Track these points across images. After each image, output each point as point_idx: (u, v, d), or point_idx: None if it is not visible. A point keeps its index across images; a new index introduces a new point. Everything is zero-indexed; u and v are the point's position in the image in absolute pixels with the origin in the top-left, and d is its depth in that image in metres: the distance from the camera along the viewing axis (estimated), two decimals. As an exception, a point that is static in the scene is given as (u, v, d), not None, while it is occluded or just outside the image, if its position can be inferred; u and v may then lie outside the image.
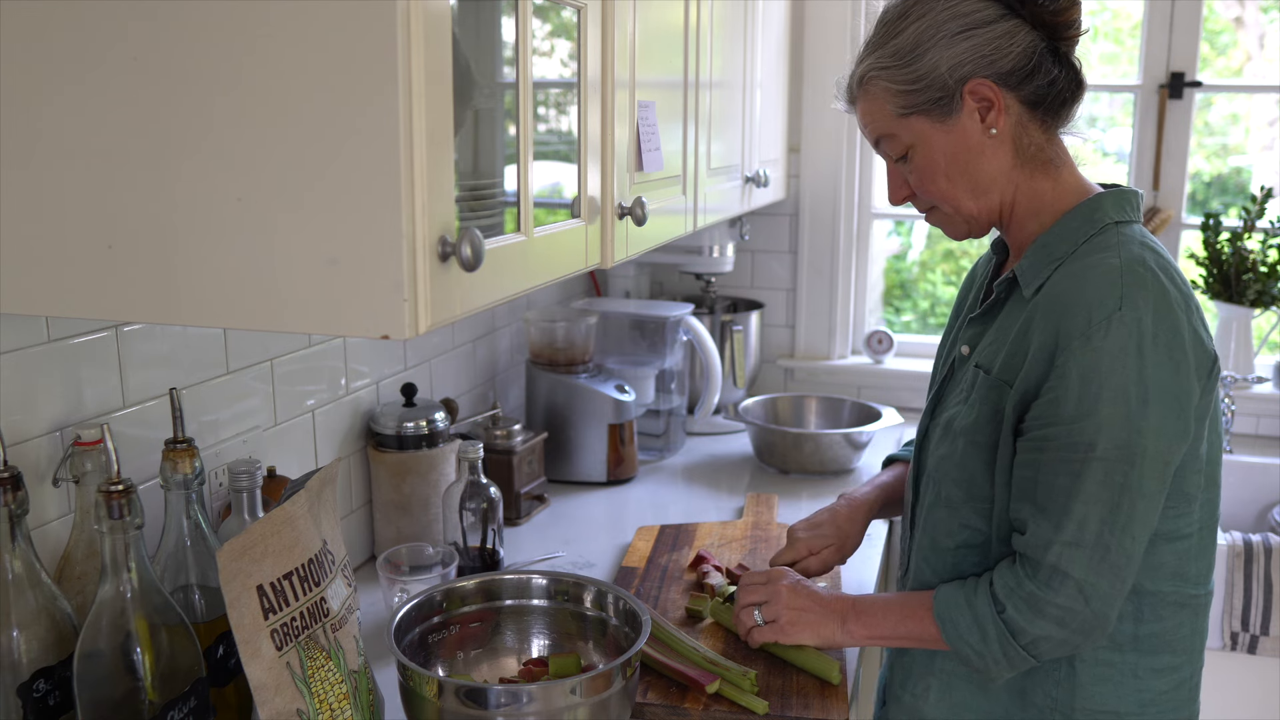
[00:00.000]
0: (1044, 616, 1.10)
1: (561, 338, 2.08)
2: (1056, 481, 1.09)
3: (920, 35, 1.16)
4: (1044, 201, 1.20)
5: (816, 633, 1.29)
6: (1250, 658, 2.06)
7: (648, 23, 1.39)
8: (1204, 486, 1.17)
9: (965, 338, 1.27)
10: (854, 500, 1.52)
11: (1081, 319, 1.07)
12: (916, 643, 1.22)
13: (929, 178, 1.20)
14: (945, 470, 1.22)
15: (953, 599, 1.17)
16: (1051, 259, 1.16)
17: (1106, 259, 1.11)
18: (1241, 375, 2.49)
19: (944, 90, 1.15)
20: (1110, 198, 1.18)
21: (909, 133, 1.19)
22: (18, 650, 0.99)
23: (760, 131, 2.21)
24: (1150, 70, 2.50)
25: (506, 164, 1.06)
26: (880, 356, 2.73)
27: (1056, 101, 1.18)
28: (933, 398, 1.32)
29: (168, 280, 0.87)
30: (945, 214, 1.23)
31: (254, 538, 0.99)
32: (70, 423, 1.14)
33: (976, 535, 1.20)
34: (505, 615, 1.33)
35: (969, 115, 1.16)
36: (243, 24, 0.81)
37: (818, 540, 1.48)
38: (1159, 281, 1.09)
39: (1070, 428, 1.08)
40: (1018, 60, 1.14)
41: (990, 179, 1.19)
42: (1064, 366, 1.08)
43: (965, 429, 1.19)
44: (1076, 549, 1.08)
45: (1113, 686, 1.17)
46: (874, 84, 1.20)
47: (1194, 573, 1.18)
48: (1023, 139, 1.18)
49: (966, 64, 1.14)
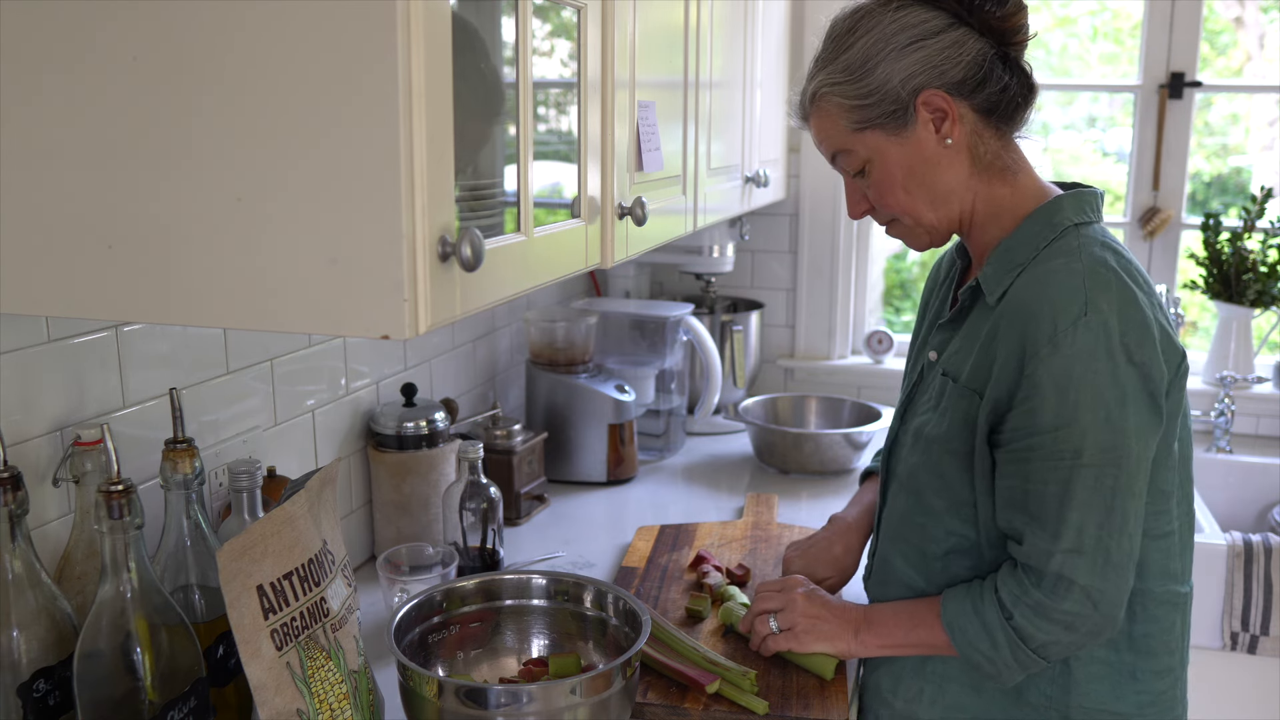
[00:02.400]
0: (1052, 622, 1.11)
1: (561, 338, 2.08)
2: (1047, 490, 1.09)
3: (870, 49, 1.15)
4: (1003, 207, 1.20)
5: (830, 642, 1.29)
6: (1250, 658, 2.06)
7: (648, 23, 1.39)
8: (1179, 483, 1.17)
9: (933, 343, 1.28)
10: (846, 528, 1.51)
11: (1047, 325, 1.07)
12: (928, 650, 1.22)
13: (887, 191, 1.20)
14: (922, 479, 1.22)
15: (960, 607, 1.17)
16: (1013, 265, 1.16)
17: (1069, 263, 1.11)
18: (1241, 375, 2.49)
19: (897, 103, 1.15)
20: (1069, 200, 1.18)
21: (864, 147, 1.19)
22: (18, 650, 0.99)
23: (760, 131, 2.21)
24: (1150, 70, 2.50)
25: (506, 164, 1.06)
26: (880, 356, 2.73)
27: (1010, 107, 1.18)
28: (902, 402, 1.33)
29: (167, 280, 0.87)
30: (906, 226, 1.24)
31: (254, 538, 0.99)
32: (70, 423, 1.14)
33: (964, 541, 1.20)
34: (505, 615, 1.33)
35: (923, 126, 1.16)
36: (243, 24, 0.81)
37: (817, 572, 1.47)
38: (1122, 281, 1.09)
39: (1053, 436, 1.08)
40: (968, 69, 1.14)
41: (949, 189, 1.19)
42: (1035, 375, 1.08)
43: (938, 438, 1.19)
44: (1078, 556, 1.09)
45: (1110, 686, 1.17)
46: (826, 100, 1.20)
47: (1179, 570, 1.19)
48: (978, 147, 1.18)
49: (918, 75, 1.14)
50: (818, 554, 1.49)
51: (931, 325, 1.32)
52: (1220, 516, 2.44)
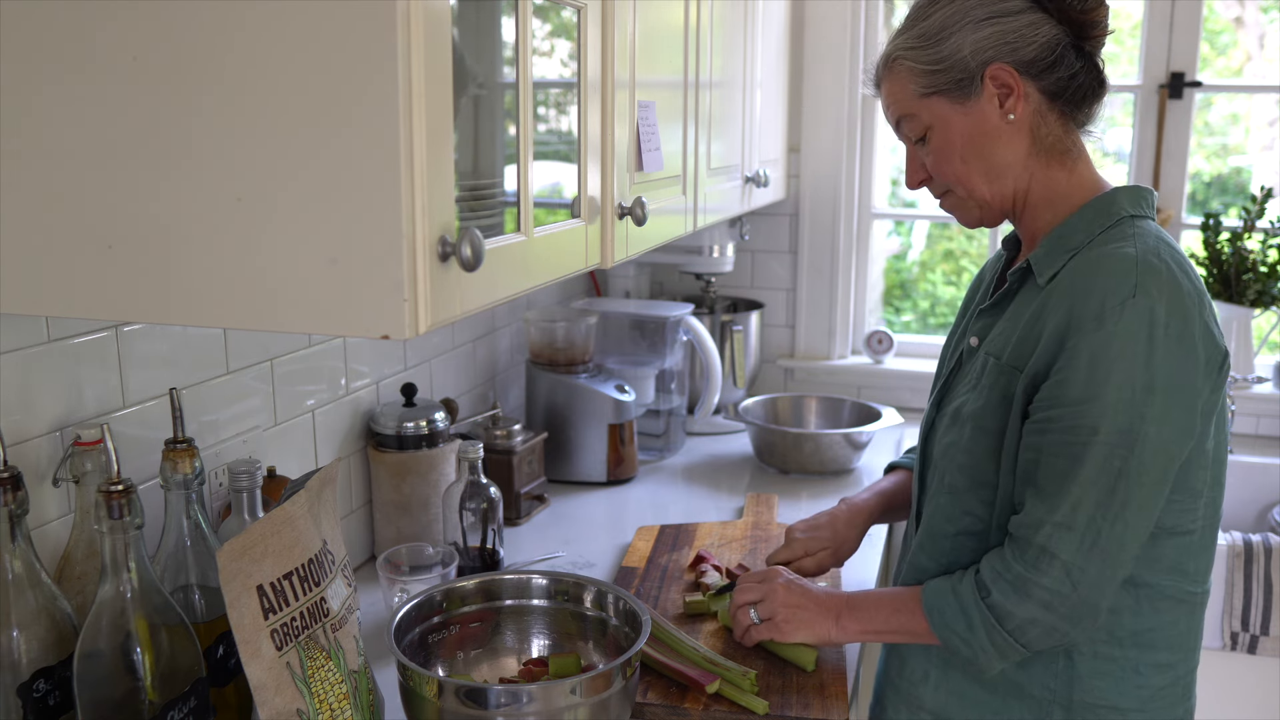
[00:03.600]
0: (1030, 599, 1.10)
1: (561, 338, 2.08)
2: (1056, 463, 1.09)
3: (947, 19, 1.18)
4: (1058, 192, 1.21)
5: (812, 630, 1.29)
6: (1250, 658, 2.06)
7: (648, 23, 1.39)
8: (1210, 484, 1.17)
9: (975, 330, 1.28)
10: (854, 505, 1.53)
11: (1095, 303, 1.08)
12: (909, 637, 1.23)
13: (945, 159, 1.22)
14: (951, 456, 1.22)
15: (940, 589, 1.18)
16: (1067, 248, 1.16)
17: (1123, 248, 1.11)
18: (1241, 375, 2.49)
19: (965, 72, 1.17)
20: (1125, 193, 1.19)
21: (929, 113, 1.21)
22: (18, 650, 0.99)
23: (760, 131, 2.21)
24: (1150, 70, 2.50)
25: (506, 164, 1.06)
26: (880, 356, 2.73)
27: (1077, 95, 1.19)
28: (939, 390, 1.32)
29: (167, 280, 0.87)
30: (959, 198, 1.25)
31: (254, 538, 0.99)
32: (70, 423, 1.14)
33: (976, 523, 1.20)
34: (505, 615, 1.33)
35: (988, 99, 1.18)
36: (243, 24, 0.81)
37: (814, 542, 1.49)
38: (1173, 274, 1.10)
39: (1075, 409, 1.08)
40: (1040, 51, 1.16)
41: (1005, 164, 1.20)
42: (1074, 348, 1.08)
43: (973, 414, 1.19)
44: (1067, 531, 1.09)
45: (1112, 681, 1.17)
46: (899, 64, 1.22)
47: (1194, 569, 1.18)
48: (1040, 128, 1.19)
49: (989, 49, 1.16)
50: (820, 525, 1.50)
51: (972, 315, 1.32)
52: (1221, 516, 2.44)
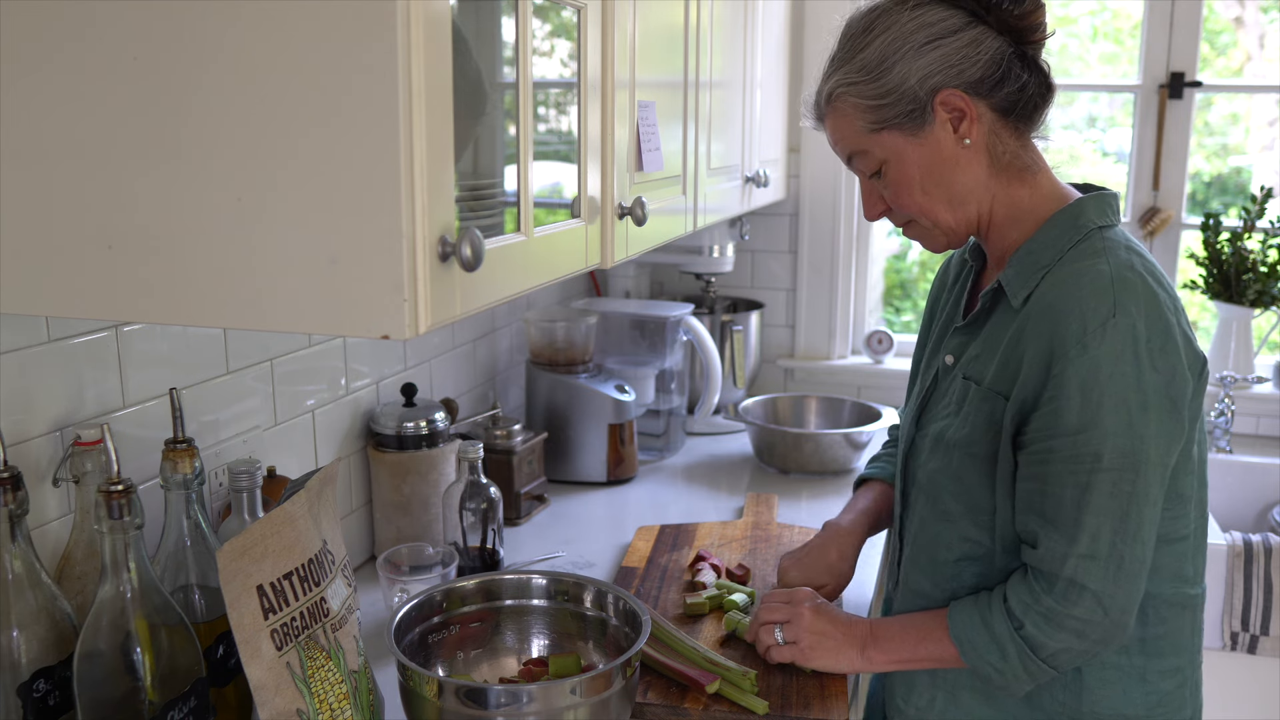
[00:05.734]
0: (1063, 629, 1.10)
1: (561, 338, 2.08)
2: (1064, 493, 1.09)
3: (887, 49, 1.14)
4: (1022, 209, 1.19)
5: (836, 659, 1.27)
6: (1250, 658, 2.06)
7: (648, 23, 1.39)
8: (1196, 487, 1.17)
9: (949, 347, 1.26)
10: (841, 534, 1.49)
11: (1076, 326, 1.07)
12: (936, 663, 1.21)
13: (904, 192, 1.19)
14: (940, 484, 1.21)
15: (968, 619, 1.16)
16: (1038, 267, 1.15)
17: (1096, 265, 1.10)
18: (1241, 375, 2.49)
19: (914, 102, 1.14)
20: (1091, 202, 1.17)
21: (881, 148, 1.18)
22: (18, 650, 0.99)
23: (760, 131, 2.21)
24: (1150, 70, 2.50)
25: (506, 164, 1.06)
26: (880, 356, 2.73)
27: (1028, 107, 1.17)
28: (916, 407, 1.31)
29: (168, 280, 0.87)
30: (923, 227, 1.22)
31: (254, 538, 0.99)
32: (70, 423, 1.14)
33: (977, 548, 1.20)
34: (505, 615, 1.33)
35: (941, 126, 1.15)
36: (244, 23, 0.81)
37: (814, 576, 1.46)
38: (1149, 286, 1.09)
39: (1074, 439, 1.07)
40: (986, 68, 1.13)
41: (967, 190, 1.18)
42: (1061, 375, 1.07)
43: (959, 442, 1.18)
44: (1092, 561, 1.08)
45: (1121, 690, 1.17)
46: (842, 100, 1.18)
47: (1191, 572, 1.18)
48: (996, 147, 1.17)
49: (935, 74, 1.13)
50: (813, 562, 1.47)
51: (945, 328, 1.31)
52: (1220, 516, 2.44)
